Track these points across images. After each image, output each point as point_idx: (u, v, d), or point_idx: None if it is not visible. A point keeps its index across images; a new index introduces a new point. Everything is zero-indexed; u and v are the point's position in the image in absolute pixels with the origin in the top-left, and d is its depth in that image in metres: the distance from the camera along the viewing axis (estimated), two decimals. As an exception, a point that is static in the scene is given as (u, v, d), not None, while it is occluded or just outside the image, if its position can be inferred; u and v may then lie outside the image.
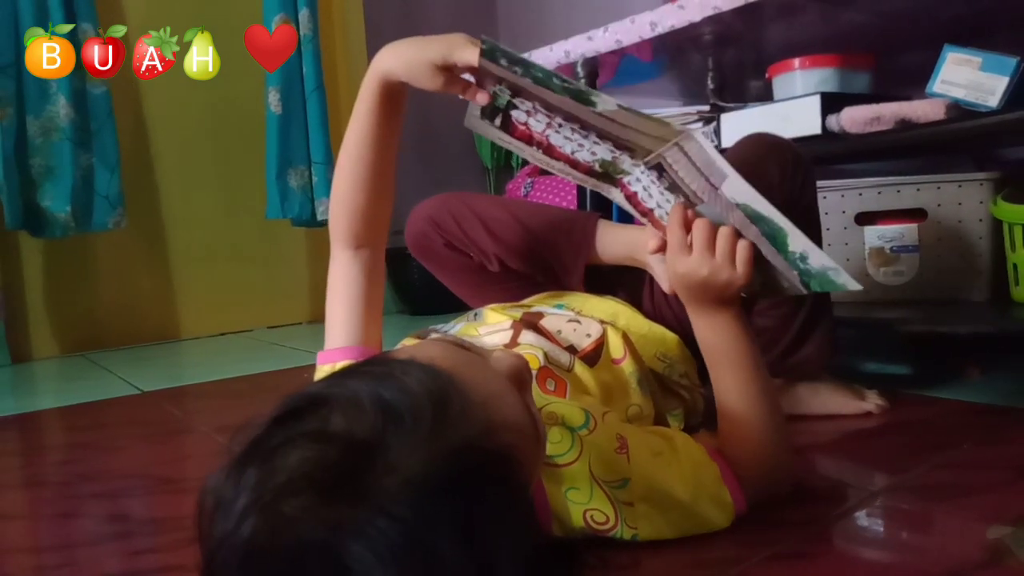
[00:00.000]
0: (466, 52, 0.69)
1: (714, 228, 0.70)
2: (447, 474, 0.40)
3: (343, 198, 0.78)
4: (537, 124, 0.75)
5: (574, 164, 0.78)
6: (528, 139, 0.77)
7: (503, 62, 0.68)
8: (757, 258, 0.71)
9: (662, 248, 0.76)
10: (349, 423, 0.41)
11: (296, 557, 0.37)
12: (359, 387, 0.43)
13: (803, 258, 0.70)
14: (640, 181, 0.76)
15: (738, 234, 0.70)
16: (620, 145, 0.73)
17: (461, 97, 0.74)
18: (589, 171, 0.79)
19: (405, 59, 0.73)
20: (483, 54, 0.68)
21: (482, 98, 0.73)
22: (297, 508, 0.38)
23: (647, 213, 0.80)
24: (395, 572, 0.36)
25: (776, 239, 0.70)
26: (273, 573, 0.37)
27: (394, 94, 0.76)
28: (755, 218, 0.69)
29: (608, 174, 0.78)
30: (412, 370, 0.45)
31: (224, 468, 0.41)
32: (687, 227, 0.71)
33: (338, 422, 0.41)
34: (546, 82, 0.67)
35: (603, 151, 0.75)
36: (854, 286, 0.69)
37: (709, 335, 0.75)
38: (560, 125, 0.73)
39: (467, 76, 0.74)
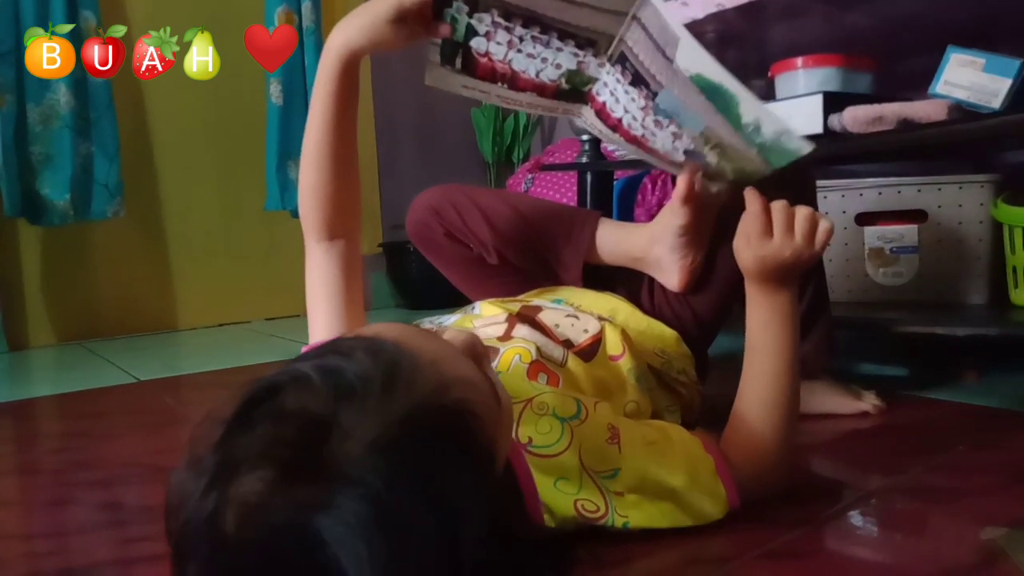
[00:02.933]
0: None
1: (791, 210, 0.72)
2: (404, 434, 0.40)
3: (313, 188, 0.77)
4: (498, 49, 0.74)
5: (541, 89, 0.78)
6: (492, 74, 0.76)
7: None
8: (726, 145, 0.74)
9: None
10: (301, 401, 0.41)
11: (268, 542, 0.37)
12: (306, 367, 0.43)
13: (756, 129, 0.71)
14: (607, 85, 0.77)
15: (814, 216, 0.72)
16: (582, 43, 0.73)
17: (428, 40, 0.74)
18: (557, 92, 0.78)
19: (360, 28, 0.73)
20: None
21: (444, 29, 0.72)
22: (262, 493, 0.38)
23: (617, 126, 0.80)
24: (367, 538, 0.36)
25: (730, 112, 0.70)
26: (248, 563, 0.37)
27: (353, 71, 0.75)
28: (709, 90, 0.70)
29: (576, 89, 0.78)
30: (358, 343, 0.45)
31: (186, 462, 0.41)
32: (767, 212, 0.72)
33: (291, 401, 0.41)
34: None
35: (567, 59, 0.75)
36: (806, 147, 0.71)
37: (764, 314, 0.75)
38: (521, 39, 0.73)
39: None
